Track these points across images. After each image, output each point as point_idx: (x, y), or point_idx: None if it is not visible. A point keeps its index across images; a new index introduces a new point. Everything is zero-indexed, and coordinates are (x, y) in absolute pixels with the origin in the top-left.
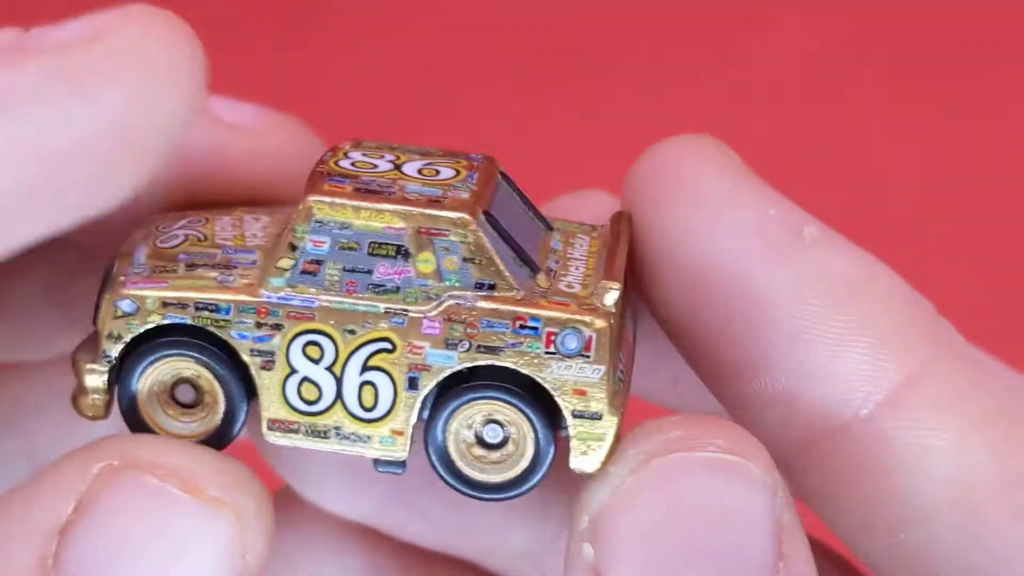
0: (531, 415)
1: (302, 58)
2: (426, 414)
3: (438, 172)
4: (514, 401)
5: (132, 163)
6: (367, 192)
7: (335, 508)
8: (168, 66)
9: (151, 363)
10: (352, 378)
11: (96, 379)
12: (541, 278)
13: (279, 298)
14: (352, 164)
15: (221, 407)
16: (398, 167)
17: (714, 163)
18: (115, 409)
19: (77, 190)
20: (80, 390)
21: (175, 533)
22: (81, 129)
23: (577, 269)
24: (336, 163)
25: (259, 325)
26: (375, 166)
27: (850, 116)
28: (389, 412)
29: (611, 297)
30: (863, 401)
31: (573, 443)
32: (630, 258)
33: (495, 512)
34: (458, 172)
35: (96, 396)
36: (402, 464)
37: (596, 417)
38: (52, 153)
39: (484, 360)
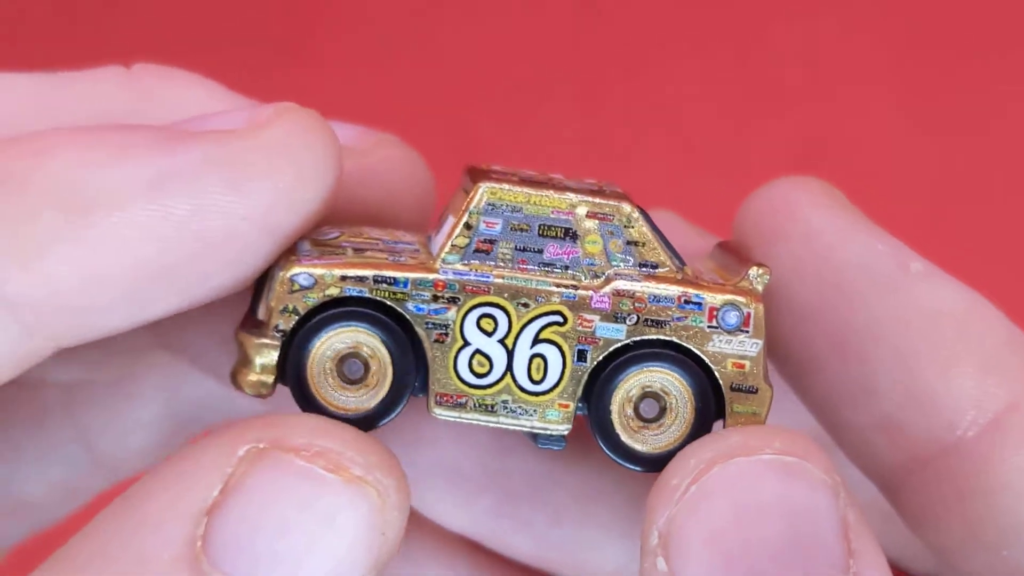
0: (693, 383)
1: (300, 75)
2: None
3: (582, 180)
4: (678, 370)
5: (271, 248)
6: (531, 182)
7: (441, 518)
8: (314, 164)
9: (328, 332)
10: (523, 350)
11: (267, 354)
12: (689, 269)
13: (455, 272)
14: (500, 169)
15: (388, 382)
16: (543, 178)
17: (824, 202)
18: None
19: (218, 272)
20: (244, 366)
21: (321, 511)
22: (231, 219)
23: (711, 273)
24: (487, 167)
25: (436, 298)
26: (520, 172)
27: (849, 116)
28: (557, 385)
29: (762, 281)
30: (968, 425)
31: (728, 419)
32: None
33: (595, 527)
34: (599, 185)
35: (264, 372)
36: (563, 439)
37: (752, 391)
38: (201, 238)
39: (651, 333)
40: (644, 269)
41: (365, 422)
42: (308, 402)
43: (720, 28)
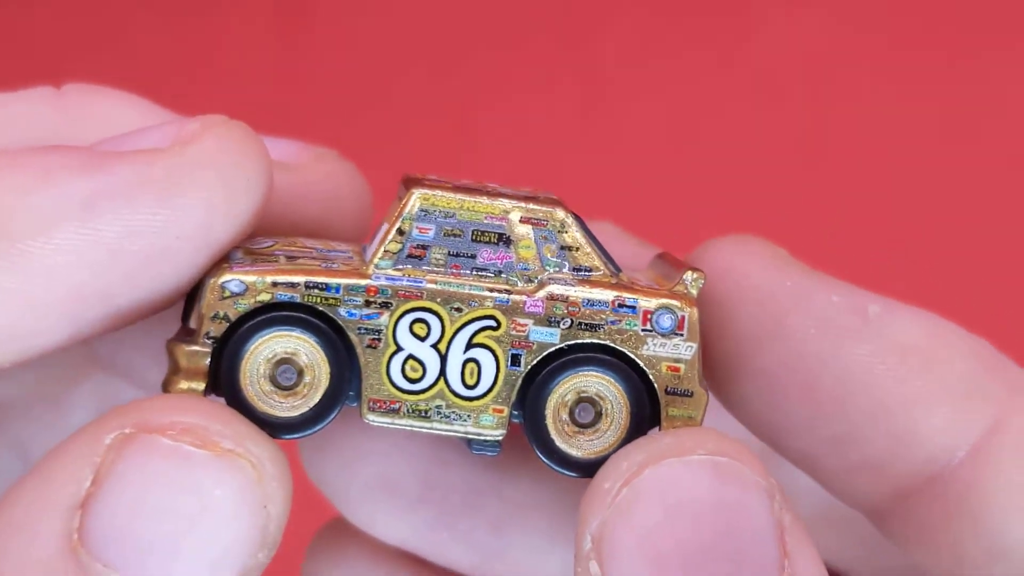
0: (628, 388)
1: (298, 59)
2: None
3: (517, 187)
4: (612, 374)
5: (204, 262)
6: (465, 188)
7: (379, 532)
8: (244, 176)
9: (260, 338)
10: (456, 355)
11: (197, 361)
12: (624, 275)
13: (388, 278)
14: (434, 178)
15: (322, 386)
16: (478, 185)
17: (768, 263)
18: None
19: (152, 290)
20: (175, 374)
21: (195, 488)
22: (165, 237)
23: (647, 280)
24: (422, 176)
25: (368, 303)
26: (455, 181)
27: (849, 116)
28: (491, 390)
29: (696, 285)
30: (950, 455)
31: (664, 423)
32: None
33: (536, 535)
34: (534, 192)
35: (195, 379)
36: (498, 445)
37: (688, 394)
38: (134, 258)
39: (586, 337)
40: (578, 274)
41: (299, 428)
42: (243, 409)
43: (719, 27)
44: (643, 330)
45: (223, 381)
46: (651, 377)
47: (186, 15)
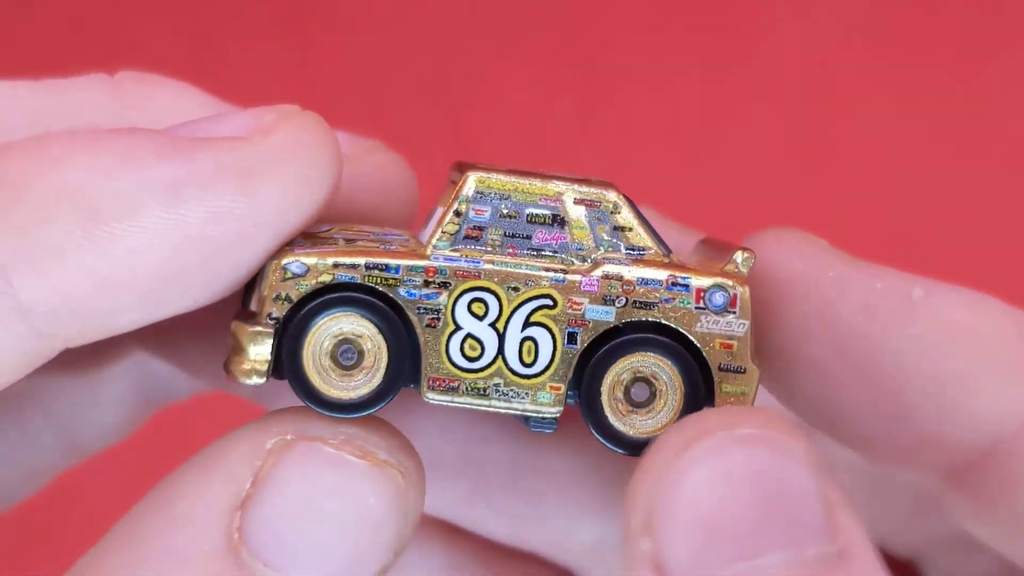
0: (682, 369)
1: (306, 58)
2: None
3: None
4: (667, 354)
5: (274, 248)
6: (518, 172)
7: None
8: (319, 167)
9: (322, 319)
10: (514, 334)
11: (262, 341)
12: (675, 256)
13: (446, 258)
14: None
15: (383, 366)
16: (530, 169)
17: (809, 255)
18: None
19: (226, 275)
20: (238, 354)
21: (354, 495)
22: (244, 224)
23: (696, 261)
24: (474, 162)
25: (427, 283)
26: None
27: (849, 116)
28: (548, 367)
29: (747, 264)
30: (1002, 429)
31: (718, 399)
32: None
33: (572, 506)
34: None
35: (258, 360)
36: (555, 422)
37: (740, 371)
38: (213, 243)
39: (640, 315)
40: (632, 253)
41: (359, 408)
42: (305, 389)
43: (717, 27)
44: (696, 308)
45: (286, 361)
46: (704, 354)
47: (193, 21)
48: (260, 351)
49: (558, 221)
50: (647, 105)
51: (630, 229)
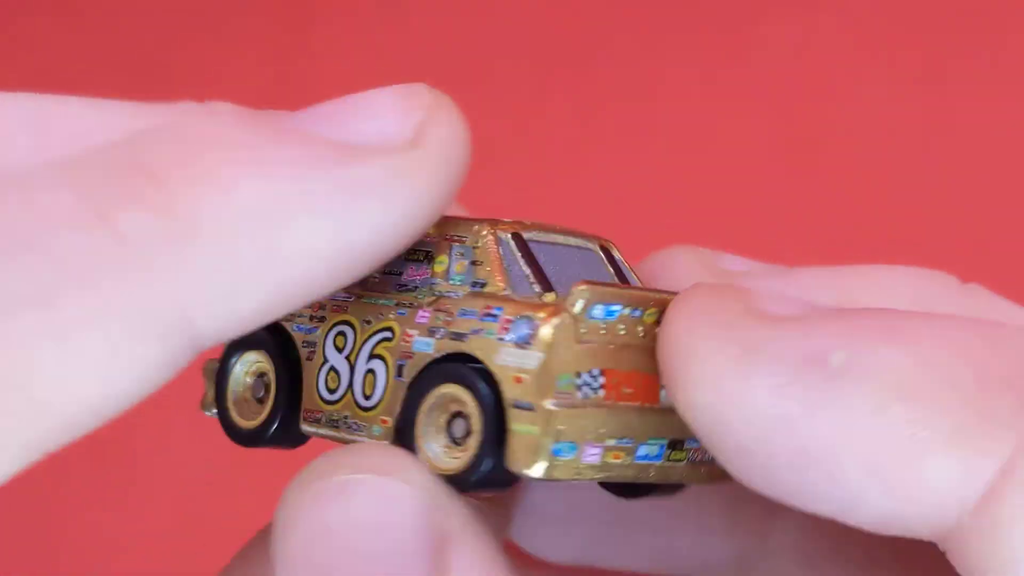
0: (481, 394)
1: (299, 64)
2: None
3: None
4: (465, 387)
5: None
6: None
7: (546, 552)
8: (464, 166)
9: (235, 360)
10: (361, 366)
11: (209, 382)
12: (549, 296)
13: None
14: None
15: (271, 399)
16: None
17: (706, 323)
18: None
19: (351, 279)
20: (205, 394)
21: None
22: (396, 234)
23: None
24: None
25: (311, 318)
26: None
27: (850, 116)
28: (381, 400)
29: (579, 298)
30: (961, 509)
31: (509, 438)
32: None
33: (689, 531)
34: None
35: (210, 394)
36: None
37: (529, 408)
38: (363, 252)
39: (451, 347)
40: (473, 288)
41: (259, 439)
42: (228, 424)
43: (716, 26)
44: (499, 338)
45: (218, 398)
46: (501, 388)
47: (189, 25)
48: (208, 389)
49: (427, 257)
50: (647, 104)
51: (481, 263)
